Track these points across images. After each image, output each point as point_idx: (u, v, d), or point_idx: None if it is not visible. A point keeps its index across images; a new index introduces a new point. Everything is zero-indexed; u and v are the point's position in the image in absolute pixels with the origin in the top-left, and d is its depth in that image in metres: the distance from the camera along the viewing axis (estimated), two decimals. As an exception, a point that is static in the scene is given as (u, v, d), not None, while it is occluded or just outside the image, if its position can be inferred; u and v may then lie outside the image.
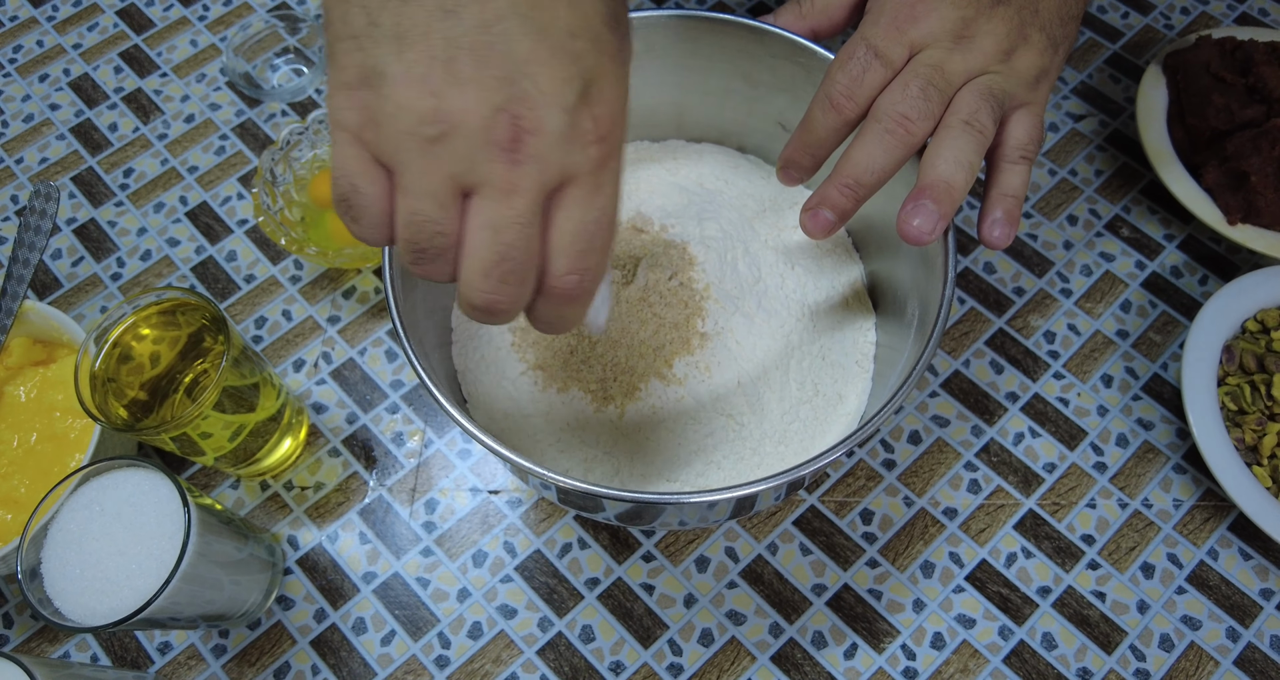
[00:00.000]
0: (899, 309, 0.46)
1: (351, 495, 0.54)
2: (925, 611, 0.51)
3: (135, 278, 0.61)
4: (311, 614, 0.51)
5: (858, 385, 0.48)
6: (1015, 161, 0.39)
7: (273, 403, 0.49)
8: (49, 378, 0.52)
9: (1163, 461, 0.54)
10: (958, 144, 0.37)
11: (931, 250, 0.41)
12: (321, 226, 0.58)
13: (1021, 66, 0.39)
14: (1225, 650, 0.50)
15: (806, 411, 0.47)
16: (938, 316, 0.38)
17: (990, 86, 0.38)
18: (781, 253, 0.50)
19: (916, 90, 0.38)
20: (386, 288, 0.40)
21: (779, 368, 0.47)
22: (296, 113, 0.66)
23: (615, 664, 0.50)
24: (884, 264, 0.49)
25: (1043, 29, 0.40)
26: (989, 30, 0.39)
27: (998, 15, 0.39)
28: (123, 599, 0.40)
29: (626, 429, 0.46)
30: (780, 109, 0.49)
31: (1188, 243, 0.61)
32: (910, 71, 0.38)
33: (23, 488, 0.49)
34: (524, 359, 0.47)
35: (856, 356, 0.49)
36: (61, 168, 0.65)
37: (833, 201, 0.38)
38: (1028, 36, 0.39)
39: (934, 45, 0.39)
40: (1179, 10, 0.69)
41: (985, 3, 0.39)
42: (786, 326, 0.48)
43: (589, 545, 0.52)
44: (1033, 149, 0.40)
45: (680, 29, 0.46)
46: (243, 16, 0.71)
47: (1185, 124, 0.59)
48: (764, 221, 0.51)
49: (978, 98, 0.38)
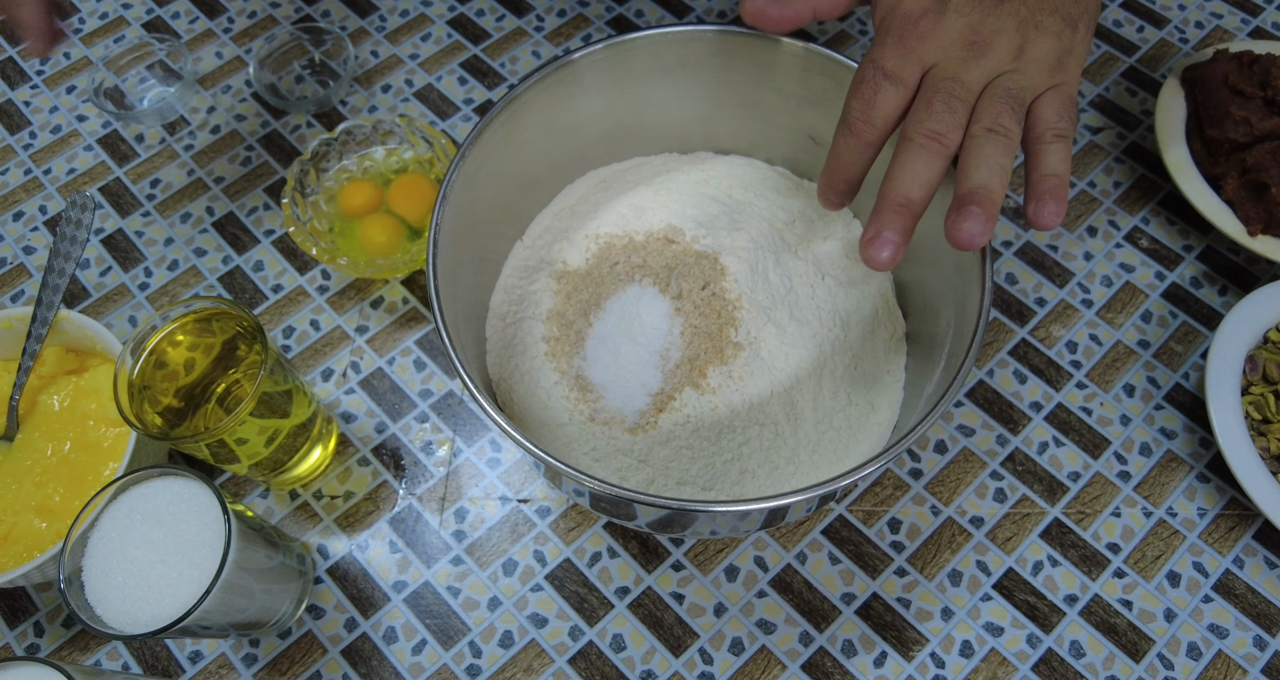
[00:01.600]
0: (932, 318, 0.47)
1: (381, 504, 0.54)
2: (953, 620, 0.51)
3: (163, 287, 0.61)
4: (342, 623, 0.51)
5: (890, 395, 0.49)
6: (1049, 142, 0.39)
7: (305, 410, 0.50)
8: (82, 387, 0.52)
9: (1186, 471, 0.55)
10: (985, 151, 0.38)
11: (967, 258, 0.41)
12: (350, 237, 0.59)
13: (1039, 55, 0.39)
14: (1253, 658, 0.50)
15: (840, 420, 0.47)
16: (977, 323, 0.39)
17: (1008, 87, 0.39)
18: (811, 263, 0.51)
19: (940, 106, 0.38)
20: (431, 294, 0.40)
21: (812, 377, 0.48)
22: (322, 124, 0.67)
23: (646, 673, 0.50)
24: (915, 273, 0.50)
25: (1054, 11, 0.40)
26: (998, 30, 0.39)
27: (1004, 12, 0.39)
28: (164, 606, 0.40)
29: (661, 438, 0.46)
30: (810, 122, 0.50)
31: (1207, 254, 0.61)
32: (929, 89, 0.39)
33: (57, 496, 0.49)
34: (558, 369, 0.48)
35: (888, 366, 0.49)
36: (89, 178, 0.65)
37: (890, 224, 0.38)
38: (1039, 23, 0.40)
39: (946, 59, 0.39)
40: (1193, 24, 0.70)
41: (989, 2, 0.39)
42: (819, 336, 0.48)
43: (619, 554, 0.53)
44: (1065, 126, 0.39)
45: (715, 43, 0.47)
46: (268, 29, 0.71)
47: (1204, 136, 0.59)
48: (793, 232, 0.52)
49: (997, 102, 0.38)
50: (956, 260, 0.43)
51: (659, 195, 0.52)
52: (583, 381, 0.47)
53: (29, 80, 0.69)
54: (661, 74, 0.49)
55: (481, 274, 0.50)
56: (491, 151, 0.46)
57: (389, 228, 0.58)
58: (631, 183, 0.53)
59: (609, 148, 0.54)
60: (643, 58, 0.48)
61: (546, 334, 0.48)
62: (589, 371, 0.47)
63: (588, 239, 0.51)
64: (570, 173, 0.54)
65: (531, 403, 0.47)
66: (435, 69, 0.69)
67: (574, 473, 0.36)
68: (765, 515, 0.44)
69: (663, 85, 0.50)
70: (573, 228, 0.52)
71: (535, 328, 0.49)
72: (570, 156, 0.53)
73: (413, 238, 0.58)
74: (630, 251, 0.50)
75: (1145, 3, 0.71)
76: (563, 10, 0.72)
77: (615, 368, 0.47)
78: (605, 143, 0.53)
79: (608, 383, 0.47)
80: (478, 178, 0.46)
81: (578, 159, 0.54)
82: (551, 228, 0.53)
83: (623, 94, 0.50)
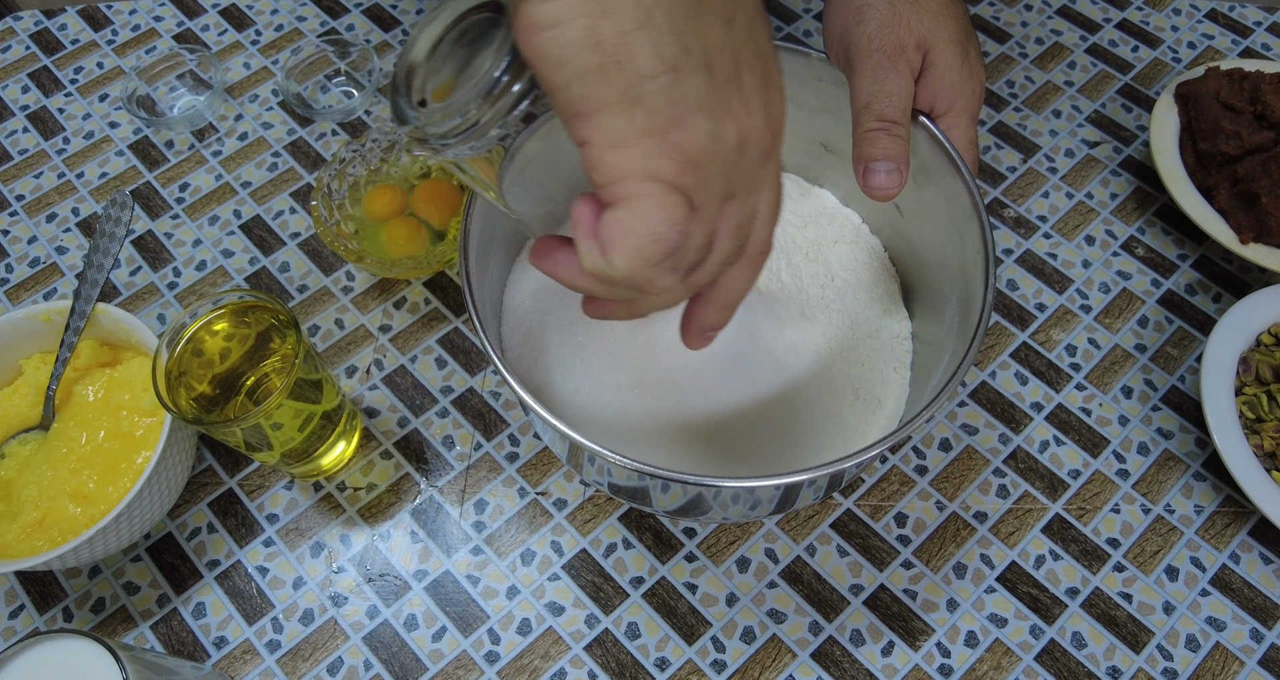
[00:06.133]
0: (937, 314, 0.49)
1: (403, 496, 0.56)
2: (959, 611, 0.53)
3: (191, 287, 0.63)
4: (364, 610, 0.53)
5: (895, 390, 0.51)
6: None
7: (334, 398, 0.51)
8: (116, 379, 0.54)
9: (1183, 469, 0.57)
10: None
11: (971, 259, 0.44)
12: (374, 239, 0.61)
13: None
14: (1250, 650, 0.52)
15: (849, 414, 0.49)
16: (980, 314, 0.41)
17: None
18: (821, 264, 0.53)
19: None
20: (465, 288, 0.42)
21: (820, 373, 0.49)
22: (346, 132, 0.69)
23: (660, 660, 0.51)
24: (920, 275, 0.52)
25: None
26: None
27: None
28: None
29: (672, 433, 0.48)
30: (824, 131, 0.52)
31: (1200, 262, 0.64)
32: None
33: (91, 483, 0.51)
34: (578, 365, 0.49)
35: (894, 363, 0.51)
36: (120, 182, 0.67)
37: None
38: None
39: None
40: (1186, 45, 0.73)
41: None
42: (827, 334, 0.50)
43: (633, 545, 0.54)
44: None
45: None
46: (294, 41, 0.74)
47: (1196, 149, 0.62)
48: (804, 235, 0.54)
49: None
50: (960, 259, 0.45)
51: None
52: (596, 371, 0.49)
53: (63, 88, 0.72)
54: None
55: (504, 272, 0.52)
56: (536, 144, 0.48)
57: (413, 230, 0.60)
58: None
59: None
60: None
61: (566, 337, 0.50)
62: (599, 361, 0.49)
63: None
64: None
65: (550, 383, 0.49)
66: (456, 81, 0.72)
67: (600, 450, 0.38)
68: (777, 500, 0.45)
69: None
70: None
71: (557, 319, 0.51)
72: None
73: (435, 240, 0.61)
74: None
75: (1140, 24, 0.74)
76: (579, 26, 0.74)
77: (626, 359, 0.49)
78: None
79: (620, 374, 0.49)
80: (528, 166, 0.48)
81: None
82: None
83: None
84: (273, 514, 0.55)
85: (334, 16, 0.75)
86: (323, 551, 0.54)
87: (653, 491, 0.45)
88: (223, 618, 0.53)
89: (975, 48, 0.46)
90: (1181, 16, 0.75)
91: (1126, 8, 0.75)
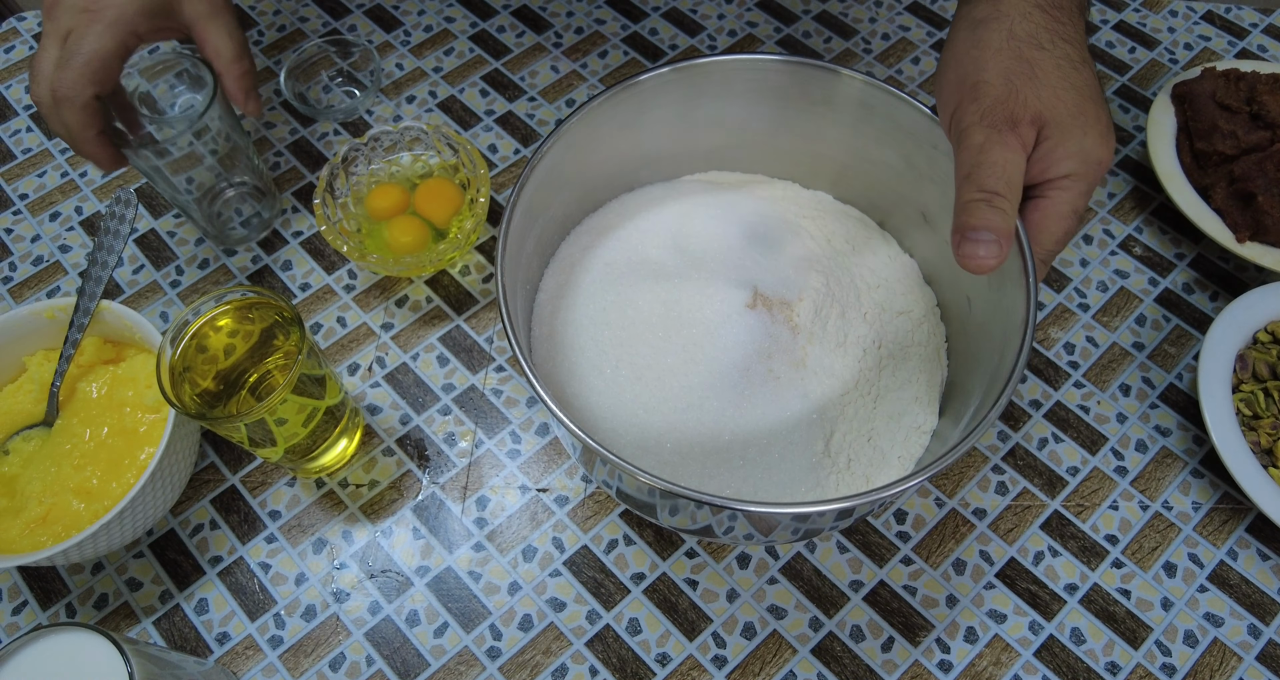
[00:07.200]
0: (956, 418, 0.48)
1: (405, 492, 0.56)
2: (958, 607, 0.53)
3: (193, 285, 0.64)
4: (366, 607, 0.53)
5: (889, 476, 0.50)
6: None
7: (337, 395, 0.52)
8: (119, 375, 0.54)
9: (1181, 466, 0.57)
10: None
11: (1004, 366, 0.43)
12: (377, 237, 0.61)
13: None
14: (1248, 646, 0.52)
15: (882, 442, 0.50)
16: (1020, 349, 0.41)
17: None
18: (874, 329, 0.53)
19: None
20: (498, 284, 0.42)
21: (851, 402, 0.50)
22: (348, 131, 0.70)
23: (661, 655, 0.52)
24: (967, 370, 0.51)
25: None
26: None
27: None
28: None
29: (694, 452, 0.48)
30: (926, 200, 0.52)
31: (1197, 261, 0.64)
32: None
33: (94, 479, 0.51)
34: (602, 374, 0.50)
35: (900, 452, 0.51)
36: (123, 180, 0.68)
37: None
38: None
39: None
40: (1182, 46, 0.74)
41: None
42: (863, 363, 0.51)
43: (634, 542, 0.54)
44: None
45: (861, 92, 0.49)
46: (296, 42, 0.74)
47: (1193, 149, 0.62)
48: (871, 297, 0.54)
49: None
50: (994, 367, 0.45)
51: (720, 210, 0.55)
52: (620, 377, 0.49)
53: (66, 88, 0.72)
54: (728, 98, 0.52)
55: (529, 268, 0.53)
56: (574, 141, 0.49)
57: (415, 229, 0.60)
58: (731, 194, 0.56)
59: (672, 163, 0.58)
60: (713, 82, 0.51)
61: (595, 340, 0.51)
62: (630, 379, 0.49)
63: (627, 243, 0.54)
64: (644, 176, 0.58)
65: (573, 403, 0.49)
66: (458, 81, 0.72)
67: (616, 459, 0.38)
68: (802, 530, 0.46)
69: (808, 119, 0.53)
70: (625, 230, 0.55)
71: (582, 317, 0.51)
72: (639, 163, 0.56)
73: (437, 239, 0.61)
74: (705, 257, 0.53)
75: (1136, 25, 0.75)
76: (580, 28, 0.75)
77: (655, 367, 0.49)
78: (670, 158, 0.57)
79: (644, 381, 0.49)
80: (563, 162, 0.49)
81: (646, 166, 0.57)
82: (597, 228, 0.56)
83: (690, 112, 0.53)
84: (275, 510, 0.56)
85: (336, 17, 0.76)
86: (325, 548, 0.55)
87: (659, 509, 0.45)
88: (225, 613, 0.53)
89: (1100, 117, 0.44)
90: (1178, 18, 0.75)
91: (1124, 9, 0.76)
